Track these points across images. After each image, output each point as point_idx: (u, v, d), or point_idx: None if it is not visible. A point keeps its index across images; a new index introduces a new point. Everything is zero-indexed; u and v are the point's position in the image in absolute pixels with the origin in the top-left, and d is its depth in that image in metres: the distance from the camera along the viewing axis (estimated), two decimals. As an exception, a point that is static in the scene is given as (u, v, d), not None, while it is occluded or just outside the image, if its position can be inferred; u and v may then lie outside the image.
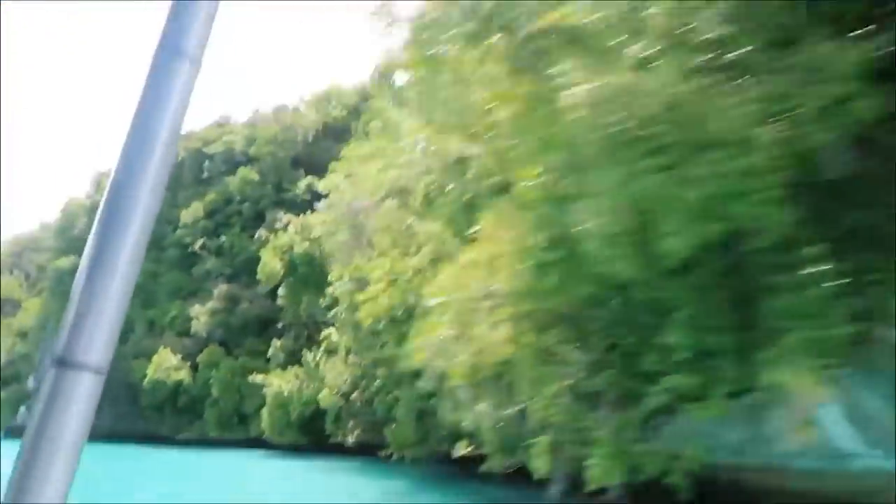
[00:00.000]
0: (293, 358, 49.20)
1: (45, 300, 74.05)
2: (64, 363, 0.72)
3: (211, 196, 69.44)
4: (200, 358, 57.25)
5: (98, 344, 0.74)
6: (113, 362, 0.72)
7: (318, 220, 50.15)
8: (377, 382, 30.62)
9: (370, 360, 29.65)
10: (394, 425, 29.19)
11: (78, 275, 0.75)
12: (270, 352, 52.62)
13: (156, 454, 46.82)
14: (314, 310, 48.26)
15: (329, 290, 44.46)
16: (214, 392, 54.32)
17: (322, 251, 47.98)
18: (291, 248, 48.56)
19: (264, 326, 57.22)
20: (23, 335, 74.92)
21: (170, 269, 67.44)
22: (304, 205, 61.87)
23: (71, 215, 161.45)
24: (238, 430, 52.44)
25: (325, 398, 33.31)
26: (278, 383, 42.95)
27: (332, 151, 71.84)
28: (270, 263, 49.85)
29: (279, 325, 53.80)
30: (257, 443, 48.17)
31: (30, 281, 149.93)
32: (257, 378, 46.32)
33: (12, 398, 69.93)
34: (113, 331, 0.74)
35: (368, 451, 36.53)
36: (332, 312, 43.59)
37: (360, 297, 23.91)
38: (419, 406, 25.49)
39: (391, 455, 29.50)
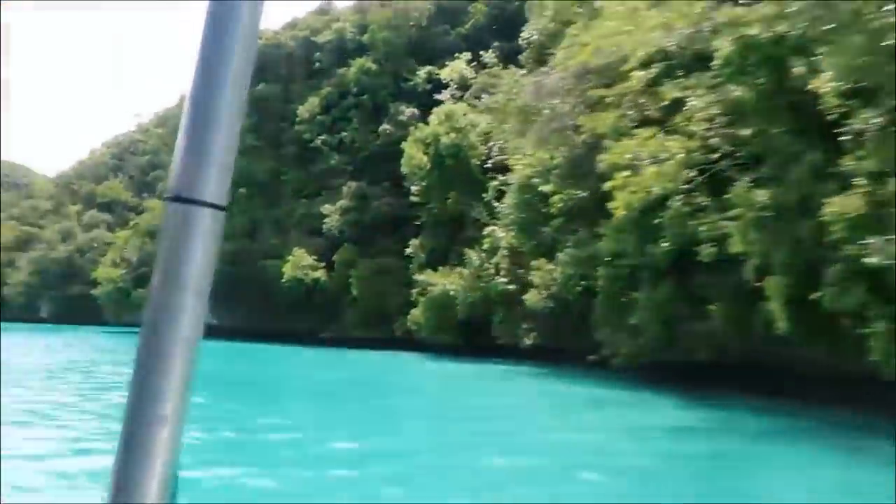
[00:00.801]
0: (436, 256, 47.23)
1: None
2: (180, 199, 0.72)
3: (326, 89, 66.17)
4: (336, 257, 56.13)
5: (213, 178, 0.73)
6: (243, 261, 0.72)
7: (463, 109, 46.54)
8: (583, 284, 27.72)
9: (584, 256, 26.57)
10: (607, 331, 26.50)
11: (187, 107, 0.73)
12: (410, 250, 50.81)
13: (306, 352, 46.67)
14: (463, 206, 45.56)
15: (491, 183, 41.50)
16: (354, 291, 53.38)
17: (468, 143, 44.65)
18: (437, 139, 45.22)
19: (397, 224, 55.25)
20: (150, 234, 76.03)
21: (290, 166, 65.73)
22: (425, 96, 58.11)
23: (165, 117, 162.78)
24: (380, 329, 51.73)
25: (532, 298, 30.76)
26: (441, 282, 40.96)
27: (448, 37, 67.09)
28: (415, 157, 46.82)
29: (416, 223, 51.55)
30: (401, 342, 47.43)
31: (134, 182, 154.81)
32: (419, 276, 44.52)
33: (148, 297, 71.91)
34: (226, 164, 0.73)
35: (543, 356, 34.63)
36: (492, 207, 40.81)
37: (618, 181, 20.42)
38: (665, 311, 22.57)
39: (601, 360, 26.98)
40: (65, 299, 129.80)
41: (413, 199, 50.23)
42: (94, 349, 43.82)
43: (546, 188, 30.63)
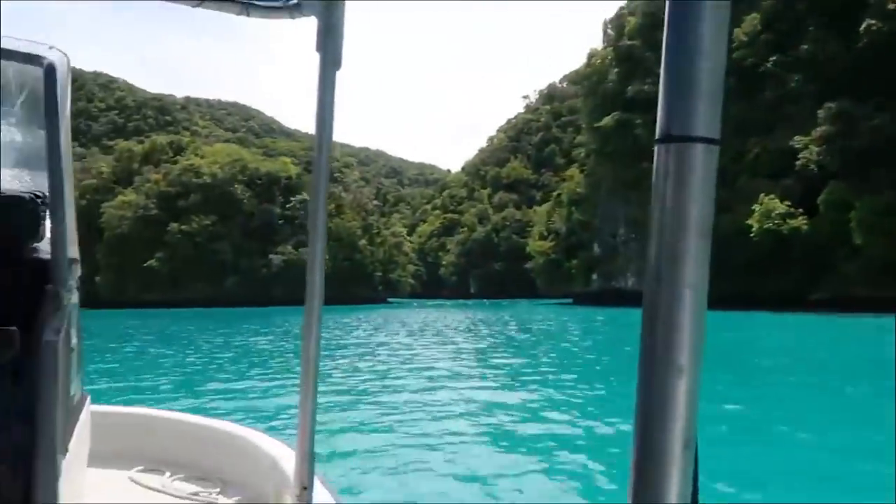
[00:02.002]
0: None
1: (591, 166, 71.44)
2: (671, 139, 0.67)
3: (767, 2, 54.61)
4: (821, 198, 44.90)
5: (702, 111, 0.67)
6: None
7: None
8: None
9: None
10: None
11: (665, 39, 0.69)
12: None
13: (791, 320, 37.03)
14: None
15: None
16: (858, 239, 41.56)
17: None
18: None
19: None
20: (574, 203, 74.63)
21: (730, 101, 56.06)
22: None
23: (551, 94, 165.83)
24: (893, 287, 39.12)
25: None
26: None
27: None
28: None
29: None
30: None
31: (531, 159, 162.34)
32: None
33: (582, 265, 70.73)
34: (715, 93, 0.67)
35: None
36: None
37: None
38: None
39: None
40: (487, 275, 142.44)
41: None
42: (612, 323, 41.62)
43: None
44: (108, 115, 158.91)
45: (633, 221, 63.09)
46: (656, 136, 0.70)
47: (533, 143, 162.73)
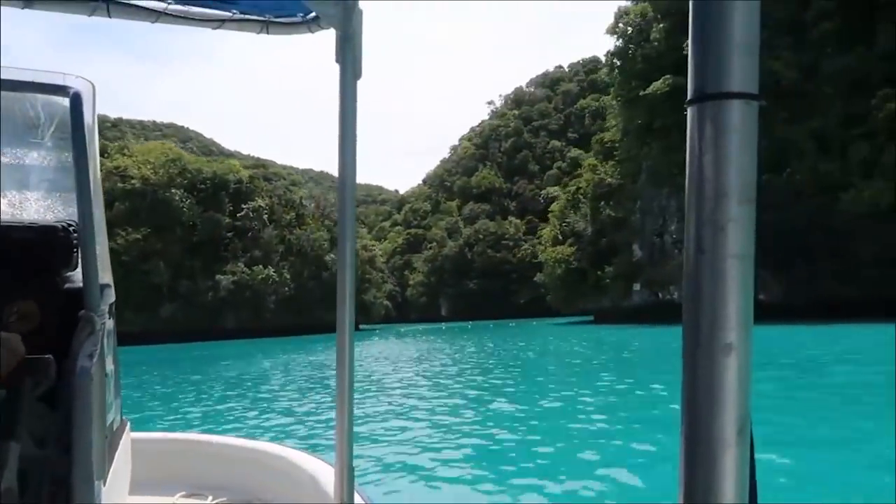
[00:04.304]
0: None
1: (627, 149, 58.00)
2: (705, 97, 0.63)
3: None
4: None
5: (738, 64, 0.63)
6: (789, 206, 0.63)
7: None
8: None
9: None
10: None
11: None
12: None
13: None
14: None
15: None
16: None
17: None
18: None
19: None
20: (603, 197, 61.00)
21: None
22: None
23: (518, 98, 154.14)
24: None
25: None
26: None
27: None
28: None
29: None
30: None
31: (502, 167, 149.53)
32: None
33: (620, 273, 56.99)
34: (750, 44, 0.63)
35: None
36: None
37: None
38: None
39: None
40: (461, 294, 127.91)
41: None
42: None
43: None
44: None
45: (686, 215, 49.77)
46: (688, 97, 0.65)
47: (503, 149, 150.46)
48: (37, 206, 1.87)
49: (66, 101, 1.62)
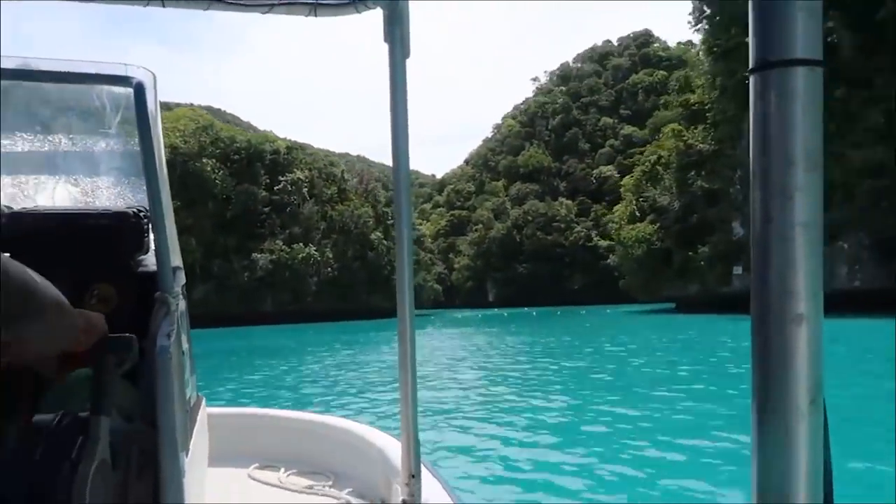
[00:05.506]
0: None
1: (722, 109, 49.44)
2: (767, 65, 0.63)
3: None
4: None
5: (801, 30, 0.62)
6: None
7: None
8: None
9: None
10: None
11: None
12: None
13: None
14: None
15: None
16: None
17: None
18: None
19: None
20: (692, 166, 52.53)
21: None
22: None
23: (566, 74, 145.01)
24: None
25: None
26: None
27: None
28: None
29: None
30: None
31: (551, 145, 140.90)
32: None
33: (715, 254, 48.67)
34: (813, 8, 0.62)
35: None
36: None
37: None
38: None
39: None
40: (510, 279, 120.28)
41: None
42: None
43: None
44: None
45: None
46: (750, 66, 0.64)
47: (551, 127, 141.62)
48: (108, 193, 1.92)
49: (128, 91, 1.60)
